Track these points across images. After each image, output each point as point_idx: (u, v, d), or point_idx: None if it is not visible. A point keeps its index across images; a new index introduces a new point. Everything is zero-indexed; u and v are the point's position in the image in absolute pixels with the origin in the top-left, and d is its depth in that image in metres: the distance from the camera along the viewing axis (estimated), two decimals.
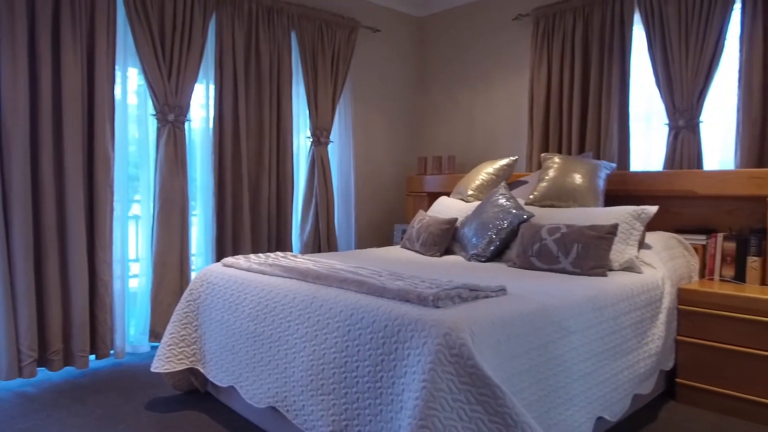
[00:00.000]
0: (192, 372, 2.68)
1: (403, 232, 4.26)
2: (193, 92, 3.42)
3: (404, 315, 1.75)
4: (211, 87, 3.62)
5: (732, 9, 3.07)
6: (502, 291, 2.01)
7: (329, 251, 4.07)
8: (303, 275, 2.27)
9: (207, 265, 3.39)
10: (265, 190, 3.80)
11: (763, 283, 2.75)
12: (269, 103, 3.80)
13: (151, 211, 3.37)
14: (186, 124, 3.44)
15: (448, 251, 3.25)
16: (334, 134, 4.31)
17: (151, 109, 3.34)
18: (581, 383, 1.99)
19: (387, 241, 4.76)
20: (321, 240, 4.09)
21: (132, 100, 3.36)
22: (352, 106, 4.43)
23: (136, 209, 3.47)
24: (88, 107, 3.04)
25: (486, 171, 3.64)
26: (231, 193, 3.67)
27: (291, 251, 3.93)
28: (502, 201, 3.07)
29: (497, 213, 3.01)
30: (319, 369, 1.93)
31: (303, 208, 4.13)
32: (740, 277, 2.81)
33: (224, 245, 3.65)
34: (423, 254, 3.25)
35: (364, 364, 1.79)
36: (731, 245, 2.84)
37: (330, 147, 4.25)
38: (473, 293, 1.91)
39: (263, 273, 2.44)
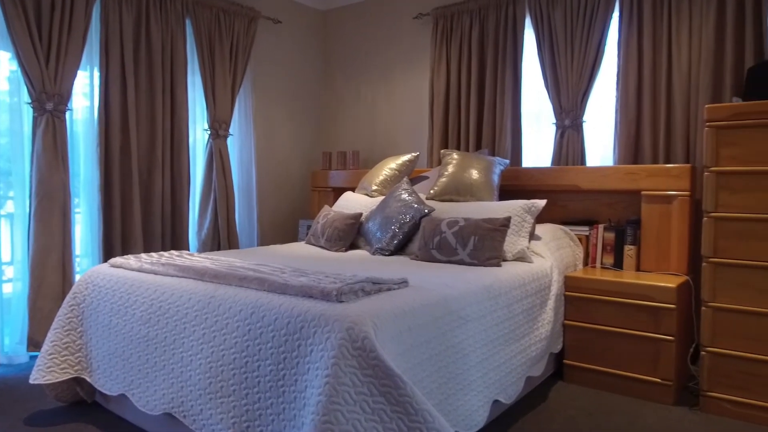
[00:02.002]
0: (77, 382, 2.48)
1: (308, 227, 4.22)
2: (76, 79, 3.16)
3: (307, 311, 1.72)
4: (96, 74, 3.36)
5: (611, 16, 3.34)
6: (404, 283, 2.04)
7: (229, 249, 3.93)
8: (200, 274, 2.17)
9: (93, 266, 3.15)
10: (158, 185, 3.59)
11: (638, 269, 3.02)
12: (162, 93, 3.60)
13: (28, 208, 3.07)
14: (67, 114, 3.17)
15: (353, 246, 3.27)
16: (234, 127, 4.17)
17: (26, 97, 3.05)
18: (478, 369, 2.07)
19: (292, 237, 4.69)
20: (220, 237, 3.94)
21: (3, 86, 3.04)
22: (253, 99, 4.31)
23: (9, 206, 3.15)
24: None
25: (389, 166, 3.69)
26: (120, 188, 3.43)
27: (187, 250, 3.76)
28: (405, 196, 3.13)
29: (400, 207, 3.07)
30: (218, 371, 1.86)
31: (201, 204, 3.95)
32: (618, 264, 3.07)
33: (112, 245, 3.41)
34: (328, 249, 3.23)
35: (265, 363, 1.74)
36: (611, 235, 3.09)
37: (229, 140, 4.11)
38: (376, 287, 1.93)
39: (156, 273, 2.31)
